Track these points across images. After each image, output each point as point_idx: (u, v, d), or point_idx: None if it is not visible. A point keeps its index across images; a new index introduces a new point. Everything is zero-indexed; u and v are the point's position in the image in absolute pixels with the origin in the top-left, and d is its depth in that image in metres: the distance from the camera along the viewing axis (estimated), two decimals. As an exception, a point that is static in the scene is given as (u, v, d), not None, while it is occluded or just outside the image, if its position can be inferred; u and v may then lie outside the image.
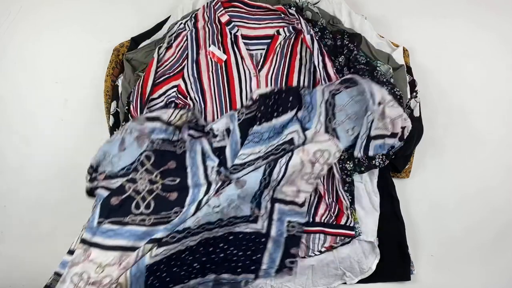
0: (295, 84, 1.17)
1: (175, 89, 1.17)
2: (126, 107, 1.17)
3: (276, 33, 1.19)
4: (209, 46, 1.18)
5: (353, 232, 1.15)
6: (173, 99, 1.17)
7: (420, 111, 1.23)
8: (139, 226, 1.01)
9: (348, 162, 1.16)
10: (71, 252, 1.02)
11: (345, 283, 1.20)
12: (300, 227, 1.08)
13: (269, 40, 1.19)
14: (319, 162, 1.00)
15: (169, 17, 1.28)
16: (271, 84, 1.17)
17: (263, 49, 1.19)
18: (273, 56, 1.18)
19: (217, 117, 1.16)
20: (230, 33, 1.19)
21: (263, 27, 1.21)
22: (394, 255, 1.21)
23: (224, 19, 1.19)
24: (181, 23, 1.21)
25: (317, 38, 1.16)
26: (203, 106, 1.17)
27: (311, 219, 1.16)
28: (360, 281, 1.20)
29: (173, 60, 1.17)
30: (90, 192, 1.08)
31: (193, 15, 1.20)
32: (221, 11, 1.19)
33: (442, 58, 1.33)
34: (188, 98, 1.17)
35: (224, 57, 1.18)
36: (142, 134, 1.05)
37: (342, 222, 1.15)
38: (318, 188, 1.14)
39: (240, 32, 1.20)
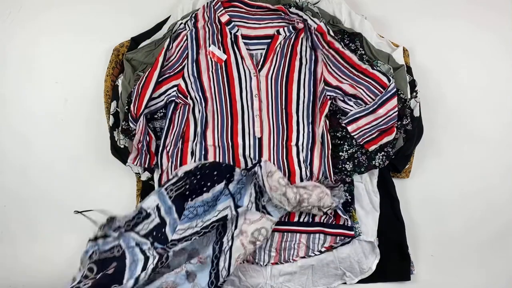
0: (295, 83, 1.17)
1: (175, 88, 1.17)
2: (126, 107, 1.17)
3: (276, 33, 1.19)
4: (209, 45, 1.18)
5: (352, 232, 1.15)
6: (173, 98, 1.17)
7: (420, 111, 1.23)
8: None
9: (348, 163, 1.16)
10: None
11: (345, 283, 1.20)
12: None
13: (269, 40, 1.19)
14: (259, 240, 1.08)
15: (169, 17, 1.28)
16: (271, 84, 1.17)
17: (263, 49, 1.19)
18: (273, 56, 1.18)
19: (217, 117, 1.16)
20: (230, 33, 1.19)
21: (263, 27, 1.21)
22: (394, 255, 1.21)
23: (224, 19, 1.19)
24: (181, 23, 1.21)
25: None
26: (203, 105, 1.17)
27: (310, 219, 1.16)
28: (360, 281, 1.20)
29: (173, 59, 1.17)
30: None
31: (193, 15, 1.20)
32: (221, 11, 1.19)
33: (442, 58, 1.33)
34: (189, 97, 1.17)
35: (224, 56, 1.18)
36: (83, 260, 1.07)
37: (341, 222, 1.15)
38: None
39: (240, 32, 1.20)
